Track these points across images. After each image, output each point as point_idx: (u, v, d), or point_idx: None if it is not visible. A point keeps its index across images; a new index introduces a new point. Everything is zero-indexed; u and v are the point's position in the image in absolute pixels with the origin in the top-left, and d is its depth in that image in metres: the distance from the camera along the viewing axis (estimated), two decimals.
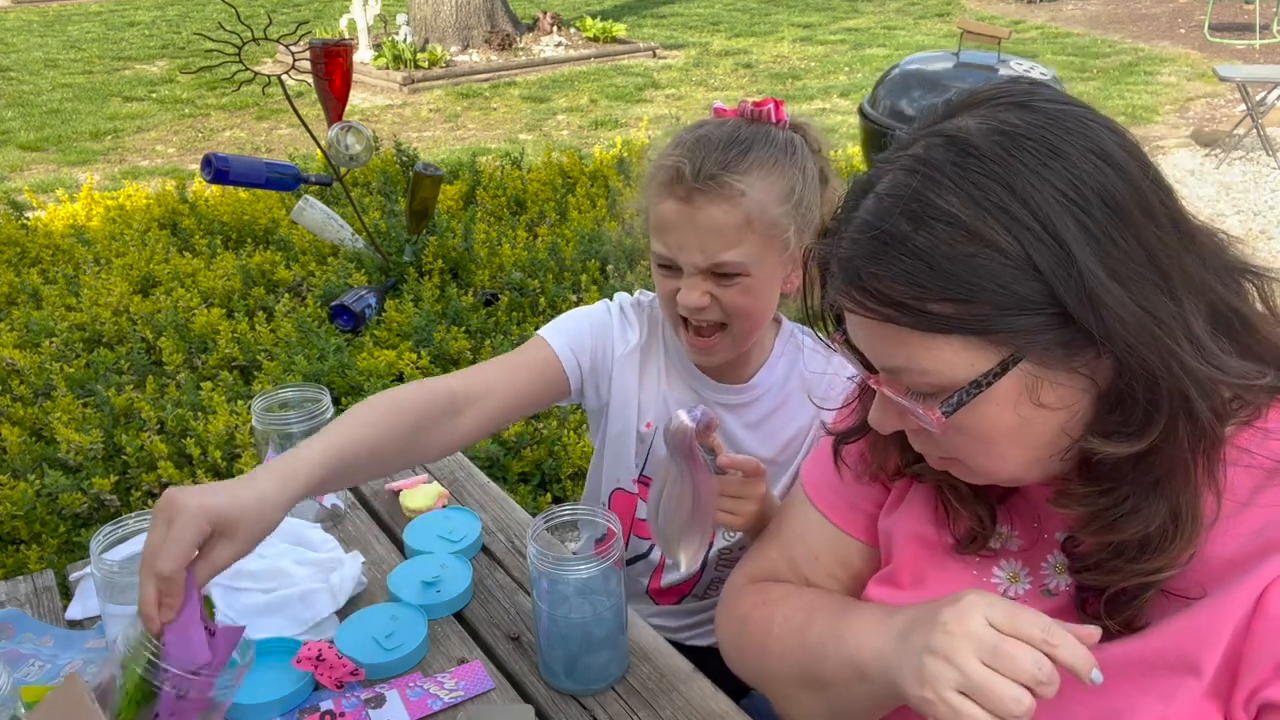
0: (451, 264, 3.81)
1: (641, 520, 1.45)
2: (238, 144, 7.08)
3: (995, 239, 0.72)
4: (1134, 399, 0.74)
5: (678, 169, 1.22)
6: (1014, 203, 0.72)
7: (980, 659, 0.74)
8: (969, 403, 0.77)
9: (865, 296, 0.77)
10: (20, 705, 1.03)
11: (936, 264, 0.73)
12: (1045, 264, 0.71)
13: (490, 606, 1.30)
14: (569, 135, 7.18)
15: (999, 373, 0.75)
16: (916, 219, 0.74)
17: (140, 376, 3.10)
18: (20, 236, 4.17)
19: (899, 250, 0.74)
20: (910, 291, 0.74)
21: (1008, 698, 0.72)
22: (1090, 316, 0.71)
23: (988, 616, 0.75)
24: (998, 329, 0.73)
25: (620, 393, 1.41)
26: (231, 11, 3.54)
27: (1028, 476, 0.83)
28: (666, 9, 12.32)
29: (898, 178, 0.77)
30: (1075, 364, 0.75)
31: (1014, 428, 0.78)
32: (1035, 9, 11.83)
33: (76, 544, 2.46)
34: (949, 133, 0.76)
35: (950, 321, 0.74)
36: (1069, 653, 0.73)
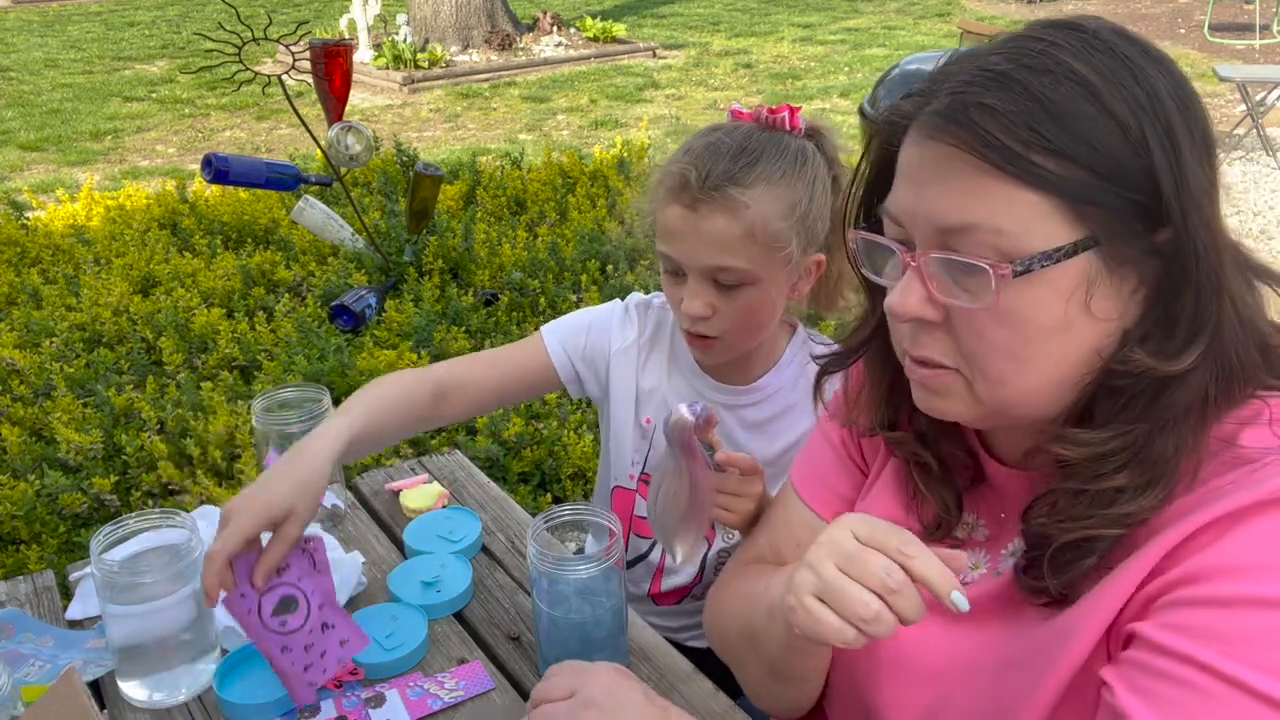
0: (451, 264, 3.81)
1: (641, 518, 1.46)
2: (238, 144, 7.08)
3: (1117, 110, 0.72)
4: (1179, 318, 0.74)
5: (684, 176, 1.23)
6: (1136, 87, 0.73)
7: (837, 565, 0.76)
8: (1037, 273, 0.73)
9: (969, 133, 0.73)
10: (20, 705, 1.03)
11: (1056, 114, 0.72)
12: (1155, 145, 0.72)
13: (490, 606, 1.30)
14: (569, 135, 7.18)
15: (1071, 251, 0.73)
16: (1043, 71, 0.73)
17: (140, 376, 3.10)
18: (20, 236, 4.17)
19: (1021, 92, 0.72)
20: (1022, 135, 0.72)
21: (855, 600, 0.75)
22: (1179, 208, 0.72)
23: (853, 529, 0.78)
24: (1090, 200, 0.72)
25: (618, 387, 1.44)
26: (231, 11, 3.54)
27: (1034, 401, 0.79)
28: (666, 9, 12.32)
29: (1018, 42, 0.76)
30: (1134, 269, 0.74)
31: (1055, 327, 0.75)
32: (1035, 9, 11.83)
33: (76, 544, 2.46)
34: (1072, 23, 0.77)
35: (1049, 178, 0.72)
36: (923, 564, 0.75)
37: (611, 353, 1.44)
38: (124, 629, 1.11)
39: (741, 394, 1.40)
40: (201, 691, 1.15)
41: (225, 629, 1.21)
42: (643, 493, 1.46)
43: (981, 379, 0.79)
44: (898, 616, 0.76)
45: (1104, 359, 0.76)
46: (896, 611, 0.76)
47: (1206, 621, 0.68)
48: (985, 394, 0.79)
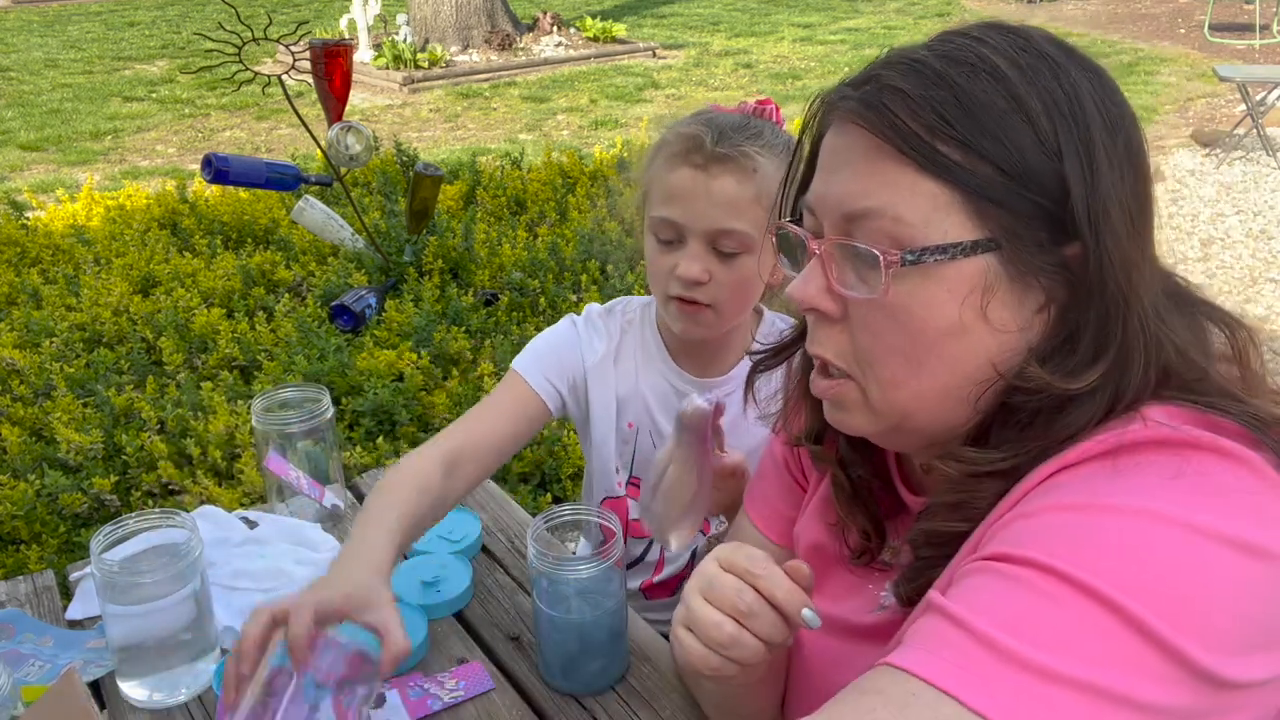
0: (451, 264, 3.81)
1: (636, 522, 1.45)
2: (238, 144, 7.08)
3: (1033, 109, 0.69)
4: (1081, 337, 0.71)
5: (698, 137, 1.25)
6: (1058, 89, 0.70)
7: (700, 593, 0.77)
8: (928, 264, 0.70)
9: (877, 116, 0.71)
10: (20, 705, 1.03)
11: (966, 103, 0.69)
12: (1068, 151, 0.69)
13: (490, 606, 1.30)
14: (569, 135, 7.18)
15: (969, 250, 0.69)
16: (961, 63, 0.71)
17: (140, 376, 3.10)
18: (20, 236, 4.17)
19: (933, 80, 0.70)
20: (929, 120, 0.69)
21: (709, 623, 0.75)
22: (1088, 219, 0.68)
23: (717, 556, 0.78)
24: (992, 198, 0.69)
25: (598, 401, 1.43)
26: (231, 11, 3.54)
27: (928, 412, 0.76)
28: (666, 9, 12.32)
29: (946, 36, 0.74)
30: (1040, 279, 0.71)
31: (948, 330, 0.71)
32: (1035, 9, 11.83)
33: (76, 544, 2.46)
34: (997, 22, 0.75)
35: (953, 168, 0.69)
36: (768, 583, 0.75)
37: (587, 368, 1.42)
38: (124, 629, 1.11)
39: (716, 385, 1.40)
40: (201, 691, 1.15)
41: (225, 629, 1.22)
42: (634, 496, 1.46)
43: (874, 383, 0.76)
44: (759, 638, 0.75)
45: (1000, 373, 0.72)
46: (755, 633, 0.75)
47: (1007, 530, 0.67)
48: (879, 401, 0.76)
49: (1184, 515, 0.62)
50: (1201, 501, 0.63)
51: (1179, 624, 0.59)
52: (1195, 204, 5.52)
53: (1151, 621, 0.58)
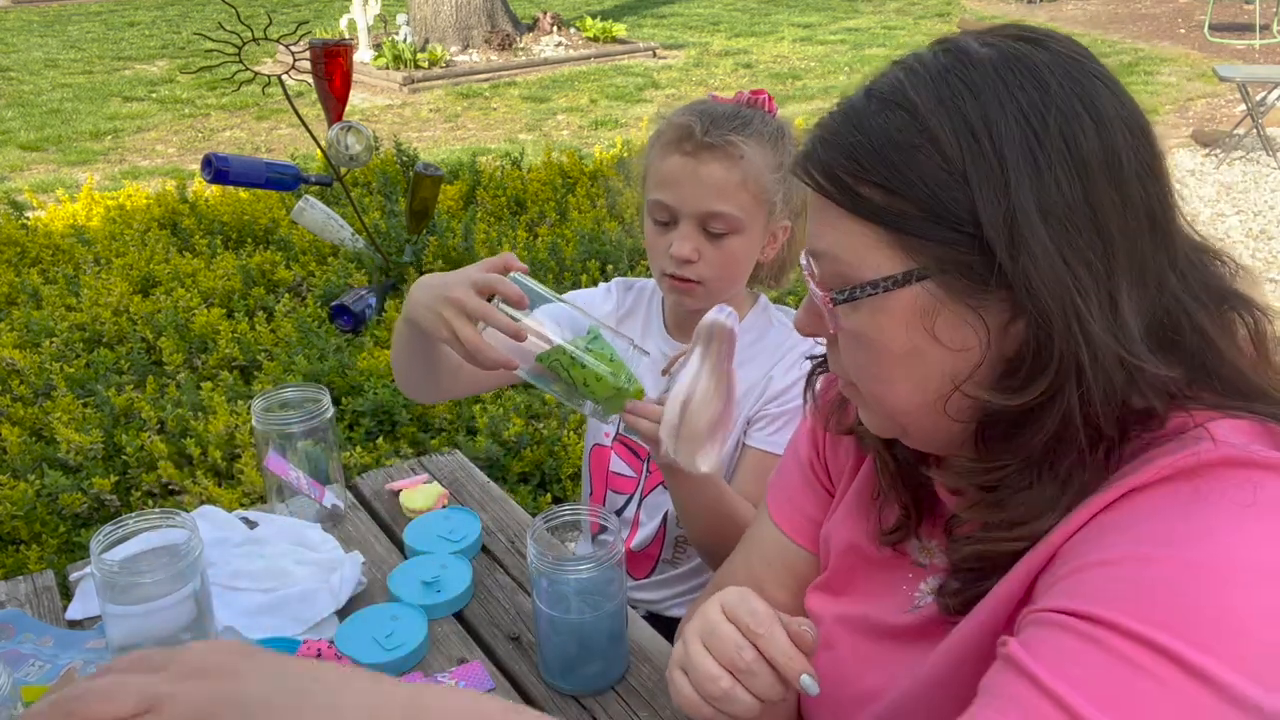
0: (451, 264, 3.81)
1: (618, 475, 1.52)
2: (238, 144, 7.08)
3: (941, 138, 0.71)
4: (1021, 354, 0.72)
5: (688, 126, 1.34)
6: (974, 110, 0.70)
7: (701, 639, 0.77)
8: (860, 300, 0.75)
9: (812, 165, 0.77)
10: (20, 705, 1.03)
11: (880, 147, 0.72)
12: (977, 177, 0.70)
13: (490, 606, 1.30)
14: (569, 135, 7.18)
15: (900, 282, 0.73)
16: (882, 102, 0.74)
17: (140, 376, 3.09)
18: (20, 236, 4.17)
19: (854, 126, 0.74)
20: (849, 167, 0.74)
21: (705, 675, 0.75)
22: (1003, 242, 0.69)
23: (722, 601, 0.78)
24: (915, 233, 0.72)
25: None
26: (231, 11, 3.54)
27: (918, 424, 0.80)
28: (666, 9, 12.32)
29: (892, 70, 0.77)
30: (977, 302, 0.72)
31: (904, 353, 0.75)
32: (1035, 9, 11.83)
33: (76, 544, 2.45)
34: (955, 42, 0.76)
35: (876, 210, 0.73)
36: (769, 644, 0.75)
37: None
38: (124, 629, 1.11)
39: None
40: None
41: (225, 629, 1.22)
42: (619, 453, 1.52)
43: (865, 396, 0.82)
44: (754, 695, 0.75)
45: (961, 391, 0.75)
46: (751, 690, 0.75)
47: (1079, 582, 0.67)
48: (874, 411, 0.83)
49: (1271, 563, 0.63)
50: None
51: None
52: (1195, 204, 5.52)
53: (1263, 701, 0.60)
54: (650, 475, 1.52)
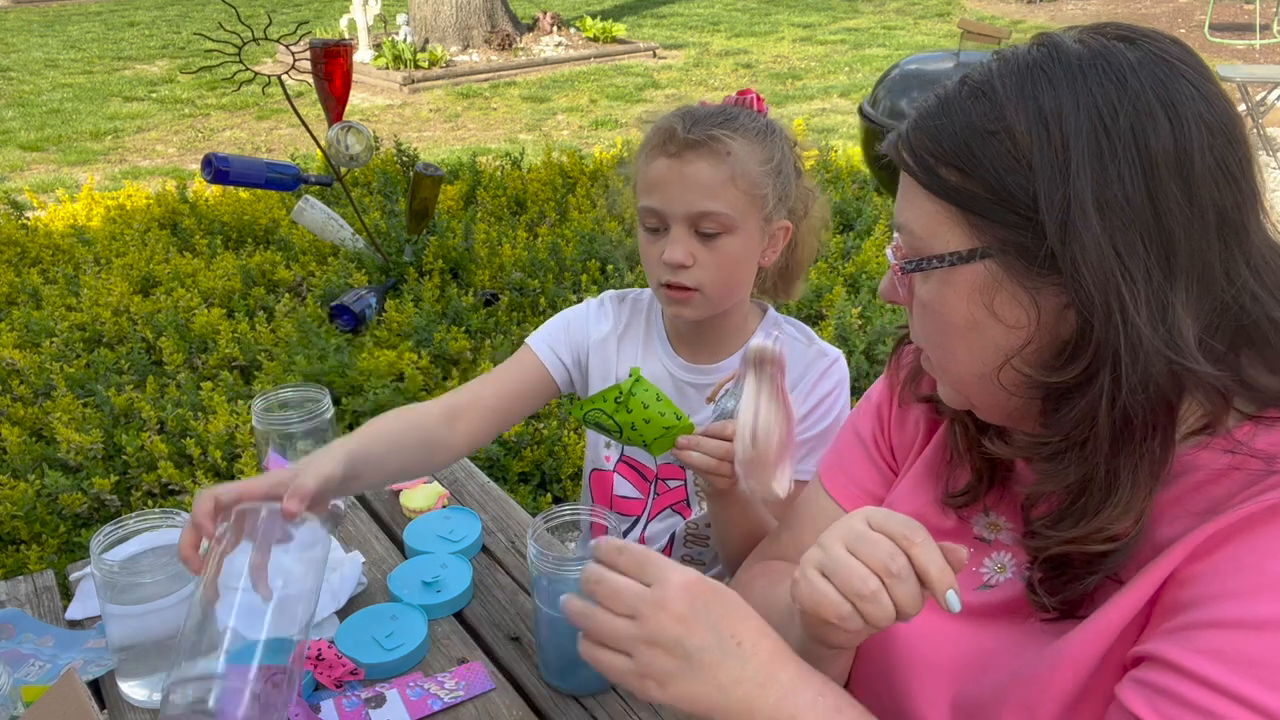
0: (451, 264, 3.81)
1: (622, 498, 1.49)
2: (238, 144, 7.08)
3: (1015, 127, 0.74)
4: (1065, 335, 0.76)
5: (670, 128, 1.31)
6: (1049, 102, 0.74)
7: (846, 545, 0.78)
8: (928, 271, 0.80)
9: (903, 145, 0.82)
10: (20, 705, 1.03)
11: (960, 131, 0.77)
12: (1041, 164, 0.73)
13: (490, 606, 1.30)
14: (569, 135, 7.18)
15: (965, 258, 0.78)
16: (971, 89, 0.78)
17: (140, 376, 3.10)
18: (20, 236, 4.17)
19: (942, 111, 0.79)
20: (933, 148, 0.79)
21: (856, 576, 0.76)
22: (1056, 228, 0.72)
23: (867, 516, 0.80)
24: (982, 213, 0.76)
25: (596, 376, 1.48)
26: (231, 11, 3.54)
27: (979, 394, 0.84)
28: (666, 9, 12.32)
29: (988, 60, 0.81)
30: (1033, 284, 0.76)
31: (965, 326, 0.80)
32: (1035, 9, 11.83)
33: (76, 544, 2.46)
34: (1051, 37, 0.79)
35: (950, 189, 0.77)
36: (924, 554, 0.77)
37: (590, 344, 1.48)
38: (124, 629, 1.11)
39: (712, 373, 1.43)
40: None
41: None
42: (624, 474, 1.49)
43: (931, 365, 0.87)
44: (895, 604, 0.76)
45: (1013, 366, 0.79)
46: (894, 597, 0.76)
47: (1226, 644, 0.69)
48: (940, 379, 0.87)
49: None
50: None
51: None
52: None
53: None
54: (658, 498, 1.48)
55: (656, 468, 1.47)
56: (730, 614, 0.78)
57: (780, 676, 0.77)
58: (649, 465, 1.48)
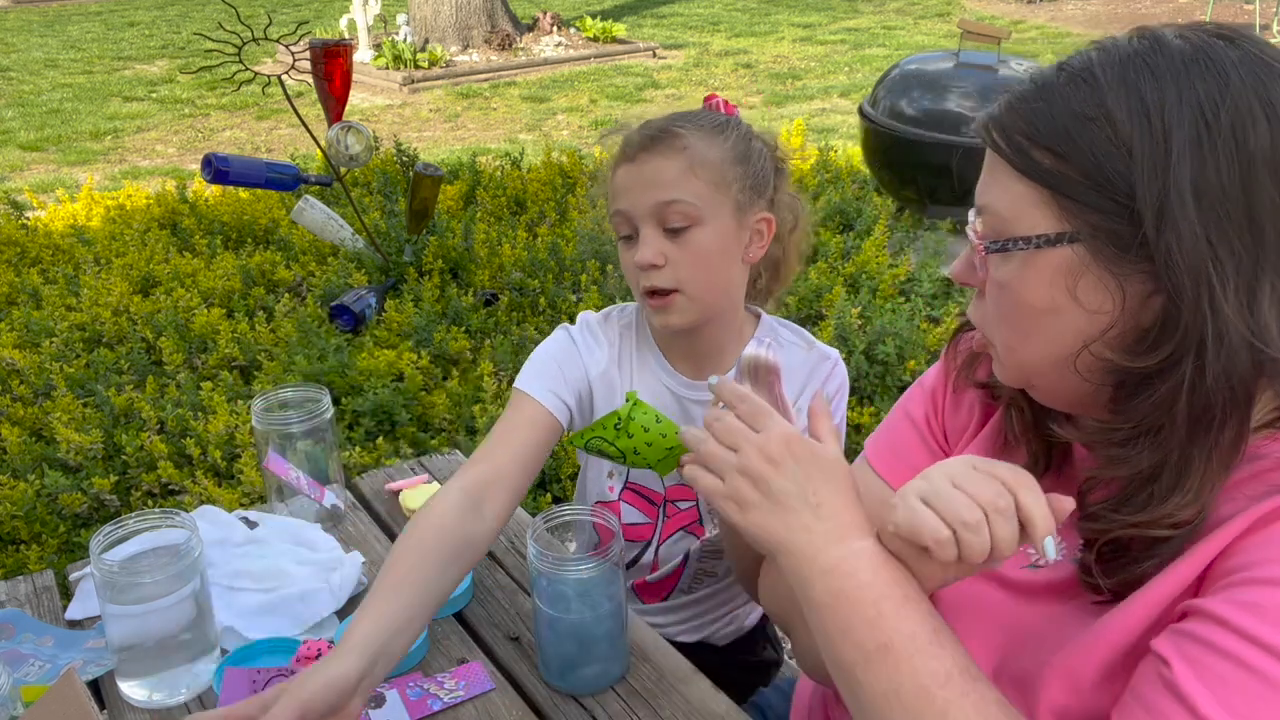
0: (451, 264, 3.81)
1: (629, 525, 1.45)
2: (238, 144, 7.08)
3: (1116, 114, 0.76)
4: (1149, 322, 0.77)
5: (628, 137, 1.32)
6: (1151, 93, 0.76)
7: (951, 480, 0.79)
8: (1012, 252, 0.81)
9: (993, 126, 0.83)
10: (20, 705, 1.03)
11: (1058, 115, 0.78)
12: (1141, 153, 0.75)
13: (490, 606, 1.30)
14: (569, 135, 7.18)
15: (1052, 241, 0.79)
16: (1070, 76, 0.80)
17: (140, 376, 3.10)
18: (20, 236, 4.17)
19: (1038, 95, 0.80)
20: (1028, 130, 0.80)
21: (961, 505, 0.77)
22: (1152, 215, 0.74)
23: (972, 460, 0.81)
24: (1075, 197, 0.77)
25: (603, 410, 1.39)
26: (231, 11, 3.54)
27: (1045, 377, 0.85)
28: (666, 9, 12.32)
29: (1086, 49, 0.83)
30: (1120, 270, 0.77)
31: (1043, 309, 0.81)
32: (1035, 9, 11.83)
33: (76, 544, 2.46)
34: (1152, 30, 0.81)
35: (1043, 172, 0.79)
36: (1031, 498, 0.77)
37: (592, 379, 1.39)
38: (124, 629, 1.11)
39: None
40: (201, 691, 1.15)
41: (225, 629, 1.22)
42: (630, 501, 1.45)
43: (998, 347, 0.87)
44: (993, 540, 0.77)
45: (1091, 353, 0.80)
46: (994, 533, 0.77)
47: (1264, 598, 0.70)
48: (1005, 362, 0.87)
49: None
50: None
51: None
52: None
53: None
54: (668, 520, 1.44)
55: (665, 490, 1.44)
56: (819, 476, 0.86)
57: (850, 544, 0.83)
58: (657, 490, 1.44)
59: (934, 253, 3.90)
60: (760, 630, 1.62)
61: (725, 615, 1.54)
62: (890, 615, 0.79)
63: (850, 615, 0.80)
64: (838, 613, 0.81)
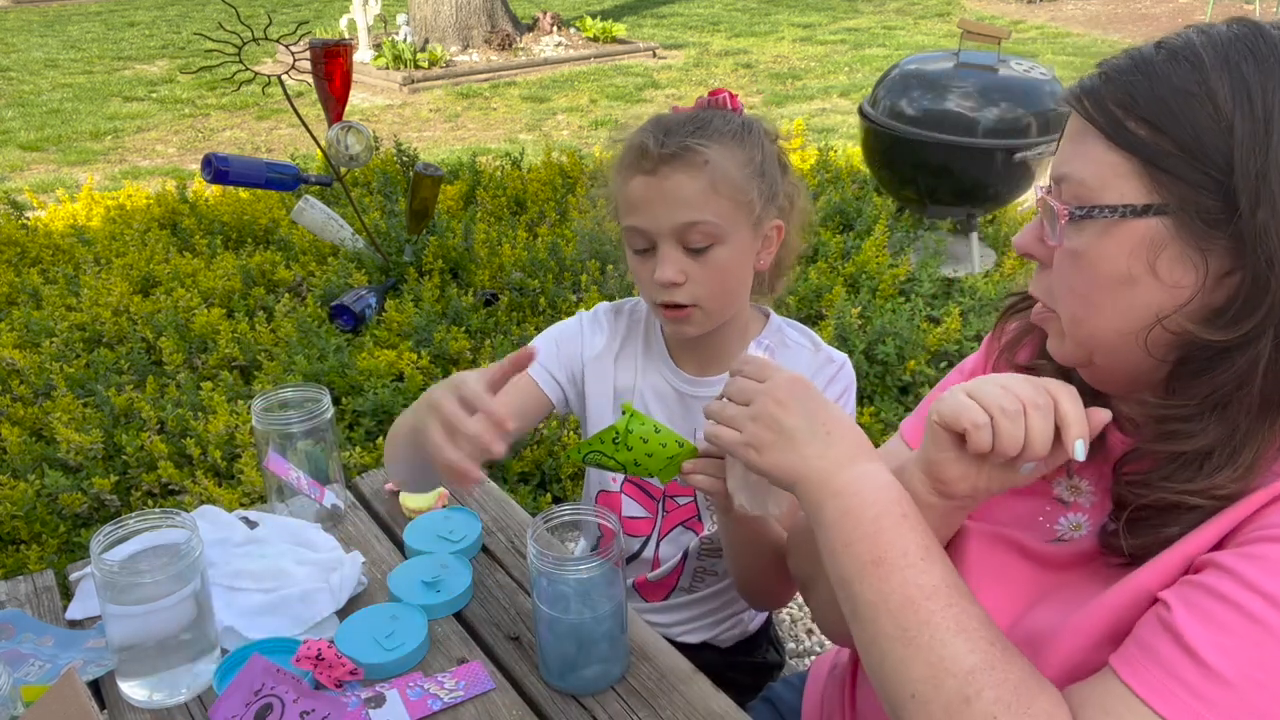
0: (451, 264, 3.81)
1: (631, 518, 1.46)
2: (238, 144, 7.08)
3: (1218, 91, 0.78)
4: (1234, 297, 0.78)
5: (643, 145, 1.27)
6: (1253, 74, 0.77)
7: (995, 383, 0.84)
8: (1095, 220, 0.81)
9: (1086, 95, 0.84)
10: (20, 705, 1.03)
11: (1158, 88, 0.80)
12: (1241, 131, 0.76)
13: (490, 606, 1.30)
14: (569, 135, 7.18)
15: (1139, 211, 0.80)
16: (1171, 53, 0.81)
17: (140, 376, 3.10)
18: (20, 236, 4.17)
19: (1137, 67, 0.82)
20: (1124, 100, 0.81)
21: (999, 393, 0.82)
22: (1248, 193, 0.75)
23: (1015, 374, 0.85)
24: (1168, 169, 0.78)
25: (594, 395, 1.44)
26: (231, 11, 3.54)
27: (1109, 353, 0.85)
28: (666, 9, 12.32)
29: (1185, 30, 0.84)
30: (1205, 245, 0.78)
31: (1118, 280, 0.82)
32: (1035, 9, 11.83)
33: (76, 544, 2.46)
34: (1250, 19, 0.82)
35: (1137, 142, 0.80)
36: (1070, 404, 0.81)
37: (585, 360, 1.44)
38: (124, 629, 1.11)
39: (715, 385, 1.39)
40: (201, 691, 1.15)
41: (225, 629, 1.22)
42: (630, 494, 1.46)
43: (1065, 319, 0.88)
44: (1028, 433, 0.80)
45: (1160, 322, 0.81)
46: (1029, 425, 0.80)
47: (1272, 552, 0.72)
48: (1069, 334, 0.88)
49: None
50: None
51: None
52: None
53: None
54: (667, 515, 1.46)
55: (664, 487, 1.45)
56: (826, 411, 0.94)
57: (861, 464, 0.90)
58: (656, 484, 1.45)
59: (934, 253, 3.90)
60: (763, 633, 1.62)
61: (729, 618, 1.55)
62: (888, 530, 0.84)
63: (852, 530, 0.86)
64: (843, 529, 0.87)
